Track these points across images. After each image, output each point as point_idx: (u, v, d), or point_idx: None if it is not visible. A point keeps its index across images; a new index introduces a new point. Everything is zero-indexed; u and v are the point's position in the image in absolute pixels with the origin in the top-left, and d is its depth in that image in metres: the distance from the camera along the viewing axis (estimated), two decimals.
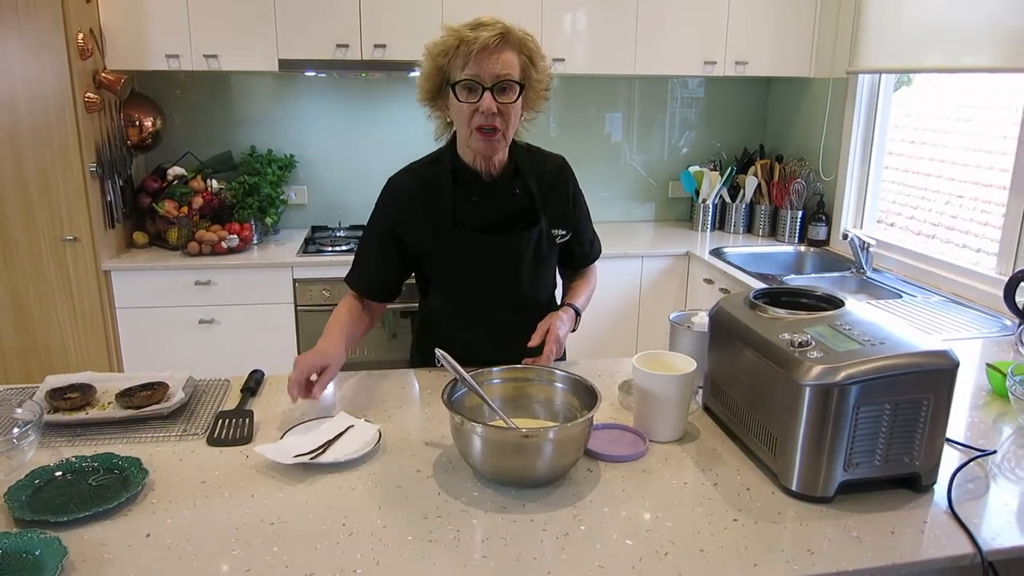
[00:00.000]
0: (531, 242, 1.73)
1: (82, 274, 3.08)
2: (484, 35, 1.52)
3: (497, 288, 1.76)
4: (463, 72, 1.55)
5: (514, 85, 1.57)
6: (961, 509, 1.22)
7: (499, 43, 1.53)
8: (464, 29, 1.55)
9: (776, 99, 4.02)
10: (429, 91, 1.64)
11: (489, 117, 1.55)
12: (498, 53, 1.54)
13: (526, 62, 1.59)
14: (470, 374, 1.36)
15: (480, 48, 1.51)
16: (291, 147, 3.74)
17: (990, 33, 2.55)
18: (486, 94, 1.54)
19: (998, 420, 1.59)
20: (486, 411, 1.36)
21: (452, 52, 1.55)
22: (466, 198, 1.70)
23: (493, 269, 1.73)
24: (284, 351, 3.27)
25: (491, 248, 1.71)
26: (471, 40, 1.52)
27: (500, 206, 1.71)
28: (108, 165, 3.14)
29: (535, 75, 1.61)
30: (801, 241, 3.65)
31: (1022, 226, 2.53)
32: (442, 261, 1.73)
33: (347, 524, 1.16)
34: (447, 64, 1.58)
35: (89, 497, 1.20)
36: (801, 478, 1.23)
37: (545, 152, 1.82)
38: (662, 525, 1.16)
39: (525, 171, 1.73)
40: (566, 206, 1.80)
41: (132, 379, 1.59)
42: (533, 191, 1.74)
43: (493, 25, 1.55)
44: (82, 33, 2.93)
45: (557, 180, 1.80)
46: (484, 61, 1.53)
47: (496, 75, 1.54)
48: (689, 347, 1.60)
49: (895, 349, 1.22)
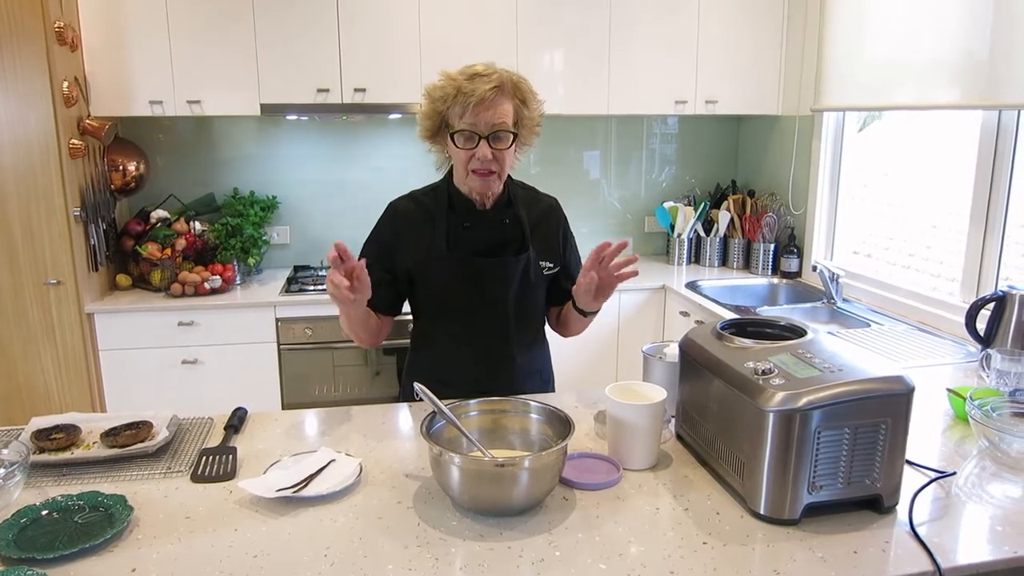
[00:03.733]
0: (519, 267, 1.80)
1: (65, 317, 3.10)
2: (481, 88, 1.61)
3: (485, 310, 1.82)
4: (460, 121, 1.65)
5: (508, 133, 1.67)
6: (922, 529, 1.26)
7: (495, 95, 1.63)
8: (462, 79, 1.64)
9: (746, 136, 4.14)
10: (429, 130, 1.75)
11: (485, 162, 1.67)
12: (494, 106, 1.64)
13: (519, 105, 1.69)
14: (448, 406, 1.40)
15: (477, 101, 1.61)
16: (273, 188, 3.79)
17: (951, 70, 2.66)
18: (482, 142, 1.65)
19: (960, 443, 1.64)
20: (464, 442, 1.40)
21: (450, 100, 1.65)
22: (459, 224, 1.79)
23: (482, 291, 1.80)
24: (267, 390, 3.29)
25: (481, 270, 1.78)
26: (468, 92, 1.61)
27: (492, 233, 1.80)
28: (92, 209, 3.18)
29: (527, 114, 1.71)
30: (774, 273, 3.74)
31: (983, 255, 2.63)
32: (433, 282, 1.81)
33: (329, 555, 1.19)
34: (446, 110, 1.68)
35: (75, 534, 1.22)
36: (768, 501, 1.28)
37: (539, 192, 1.93)
38: (634, 549, 1.20)
39: (517, 203, 1.83)
40: (554, 242, 1.89)
41: (117, 419, 1.61)
42: (523, 221, 1.83)
43: (489, 76, 1.64)
44: (67, 81, 2.99)
45: (548, 216, 1.90)
46: (481, 113, 1.63)
47: (492, 125, 1.65)
48: (661, 377, 1.65)
49: (853, 375, 1.28)
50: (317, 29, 3.28)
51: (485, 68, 1.66)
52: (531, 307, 1.89)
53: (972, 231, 2.68)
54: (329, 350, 3.32)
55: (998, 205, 2.58)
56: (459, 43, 3.38)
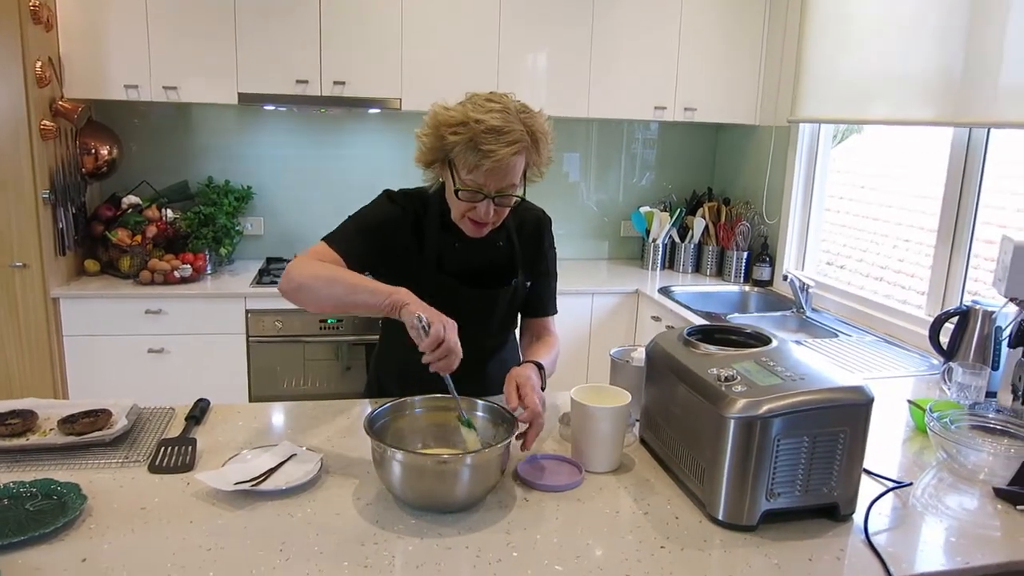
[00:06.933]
0: (506, 299, 1.77)
1: (30, 301, 3.05)
2: (499, 153, 1.47)
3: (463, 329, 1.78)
4: (468, 175, 1.53)
5: (514, 193, 1.58)
6: (877, 538, 1.28)
7: (510, 159, 1.50)
8: (478, 129, 1.47)
9: (724, 144, 4.17)
10: (427, 162, 1.61)
11: (484, 217, 1.58)
12: (507, 170, 1.52)
13: (532, 152, 1.55)
14: (393, 403, 1.43)
15: (491, 166, 1.49)
16: (248, 178, 3.76)
17: (926, 87, 2.70)
18: (486, 201, 1.55)
19: (919, 454, 1.67)
20: (408, 440, 1.44)
21: (461, 147, 1.50)
22: (451, 243, 1.70)
23: (465, 314, 1.75)
24: (235, 382, 3.26)
25: (467, 300, 1.71)
26: (484, 152, 1.47)
27: (481, 255, 1.73)
28: (61, 192, 3.13)
29: (536, 159, 1.58)
30: (746, 281, 3.77)
31: (949, 269, 2.67)
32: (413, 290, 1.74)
33: (284, 550, 1.18)
34: (451, 151, 1.53)
35: (25, 522, 1.20)
36: (727, 507, 1.29)
37: (527, 204, 1.79)
38: (592, 552, 1.20)
39: (509, 224, 1.74)
40: (537, 254, 1.83)
41: (75, 406, 1.59)
42: (515, 245, 1.77)
43: (509, 133, 1.48)
44: (40, 61, 2.94)
45: (535, 231, 1.83)
46: (492, 175, 1.52)
47: (500, 188, 1.55)
48: (628, 381, 1.65)
49: (814, 384, 1.29)
50: (298, 20, 3.25)
51: (504, 120, 1.48)
52: (510, 322, 1.87)
53: (939, 246, 2.72)
54: (299, 343, 3.29)
55: (965, 221, 2.62)
56: (441, 41, 3.38)
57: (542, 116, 1.58)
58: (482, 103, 1.52)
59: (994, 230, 2.59)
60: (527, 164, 1.58)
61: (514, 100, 1.56)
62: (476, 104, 1.52)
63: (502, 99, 1.54)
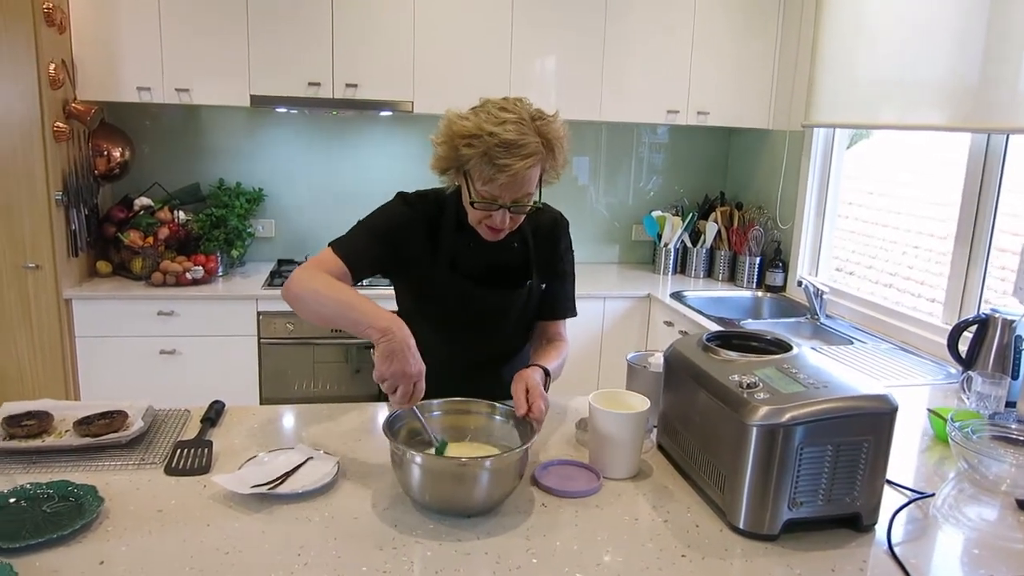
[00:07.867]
0: (520, 301, 1.75)
1: (43, 302, 3.05)
2: (514, 166, 1.45)
3: (478, 332, 1.77)
4: (483, 187, 1.51)
5: (529, 202, 1.56)
6: (900, 549, 1.26)
7: (526, 171, 1.48)
8: (492, 143, 1.45)
9: (737, 149, 4.15)
10: (442, 170, 1.59)
11: (500, 224, 1.57)
12: (522, 181, 1.50)
13: (548, 158, 1.54)
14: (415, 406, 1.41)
15: (506, 180, 1.47)
16: (260, 181, 3.76)
17: (941, 92, 2.68)
18: (502, 210, 1.54)
19: (940, 464, 1.65)
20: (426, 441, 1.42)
21: (477, 157, 1.48)
22: (466, 243, 1.69)
23: (480, 315, 1.74)
24: (246, 384, 3.26)
25: (481, 300, 1.71)
26: (499, 165, 1.45)
27: (496, 256, 1.71)
28: (74, 194, 3.13)
29: (552, 164, 1.56)
30: (759, 287, 3.75)
31: (967, 277, 2.64)
32: (426, 293, 1.73)
33: (302, 555, 1.17)
34: (466, 163, 1.51)
35: (43, 524, 1.20)
36: (748, 516, 1.27)
37: (544, 206, 1.78)
38: (612, 559, 1.19)
39: (524, 227, 1.71)
40: (552, 256, 1.81)
41: (91, 407, 1.58)
42: (530, 247, 1.76)
43: (524, 146, 1.46)
44: (54, 64, 2.95)
45: (550, 233, 1.81)
46: (508, 188, 1.50)
47: (515, 198, 1.53)
48: (645, 387, 1.64)
49: (837, 392, 1.27)
50: (310, 22, 3.25)
51: (518, 133, 1.45)
52: (522, 328, 1.85)
53: (957, 253, 2.69)
54: (310, 346, 3.29)
55: (983, 228, 2.60)
56: (453, 44, 3.37)
57: (558, 120, 1.55)
58: (496, 113, 1.48)
59: (1008, 238, 2.57)
60: (543, 170, 1.57)
61: (528, 106, 1.54)
62: (490, 114, 1.48)
63: (516, 107, 1.51)
